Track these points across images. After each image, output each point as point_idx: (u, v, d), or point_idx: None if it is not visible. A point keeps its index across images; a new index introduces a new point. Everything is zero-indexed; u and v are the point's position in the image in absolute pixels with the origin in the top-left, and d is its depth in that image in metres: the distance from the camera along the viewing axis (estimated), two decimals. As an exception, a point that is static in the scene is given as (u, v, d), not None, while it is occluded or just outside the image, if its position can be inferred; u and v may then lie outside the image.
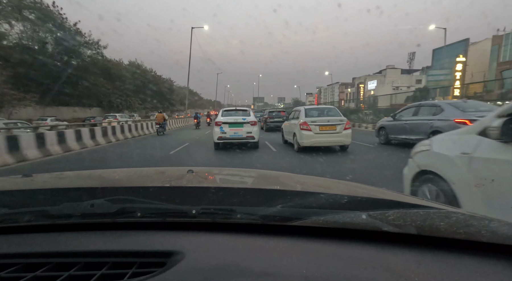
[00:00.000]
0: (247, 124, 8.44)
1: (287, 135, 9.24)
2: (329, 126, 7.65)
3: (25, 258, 0.54)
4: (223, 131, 8.37)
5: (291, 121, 8.92)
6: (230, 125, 8.41)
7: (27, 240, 0.61)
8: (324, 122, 7.68)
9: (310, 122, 7.64)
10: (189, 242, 0.59)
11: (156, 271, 0.49)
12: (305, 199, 0.79)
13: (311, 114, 8.22)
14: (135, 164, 6.75)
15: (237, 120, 8.46)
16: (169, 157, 7.73)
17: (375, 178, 4.64)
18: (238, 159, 7.23)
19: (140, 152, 9.05)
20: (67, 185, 1.02)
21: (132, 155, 8.46)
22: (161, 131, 15.29)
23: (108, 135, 12.13)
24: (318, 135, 7.60)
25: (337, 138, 7.68)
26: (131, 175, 1.28)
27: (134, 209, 0.67)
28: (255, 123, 8.57)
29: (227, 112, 9.14)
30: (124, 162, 7.30)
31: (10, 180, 1.11)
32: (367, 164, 6.41)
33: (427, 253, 0.56)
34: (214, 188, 0.87)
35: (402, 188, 2.38)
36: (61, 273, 0.49)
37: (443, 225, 0.62)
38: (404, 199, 0.87)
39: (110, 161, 7.63)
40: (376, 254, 0.56)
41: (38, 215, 0.66)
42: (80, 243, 0.59)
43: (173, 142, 11.61)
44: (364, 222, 0.63)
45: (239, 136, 8.38)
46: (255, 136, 8.44)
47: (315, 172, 5.37)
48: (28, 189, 0.92)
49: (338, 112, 8.38)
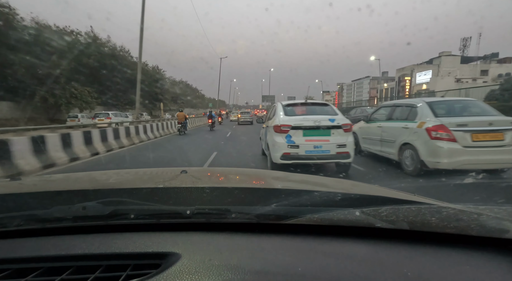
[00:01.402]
0: (337, 130, 4.60)
1: (386, 147, 5.52)
2: (490, 133, 4.06)
3: (16, 263, 0.54)
4: (293, 144, 4.51)
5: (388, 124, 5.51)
6: (306, 132, 4.55)
7: (17, 245, 0.61)
8: (484, 126, 4.12)
9: (454, 126, 4.15)
10: (184, 243, 0.60)
11: (150, 272, 0.49)
12: (300, 198, 0.78)
13: (448, 112, 4.69)
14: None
15: (320, 123, 4.56)
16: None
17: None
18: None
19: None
20: (57, 188, 1.00)
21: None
22: (183, 131, 14.71)
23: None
24: (472, 151, 4.04)
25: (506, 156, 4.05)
26: (124, 177, 1.28)
27: (128, 211, 0.67)
28: (349, 129, 4.72)
29: (293, 108, 5.15)
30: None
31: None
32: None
33: (419, 248, 0.57)
34: (208, 188, 0.87)
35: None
36: (53, 278, 0.50)
37: (434, 220, 0.63)
38: (396, 195, 0.87)
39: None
40: (369, 250, 0.57)
41: (28, 219, 0.66)
42: (72, 247, 0.59)
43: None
44: (358, 219, 0.63)
45: (323, 153, 4.52)
46: (350, 152, 4.60)
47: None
48: (17, 193, 0.90)
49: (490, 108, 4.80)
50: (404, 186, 4.07)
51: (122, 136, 10.04)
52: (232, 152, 8.16)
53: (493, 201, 3.35)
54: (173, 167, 2.11)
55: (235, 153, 8.05)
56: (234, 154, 7.89)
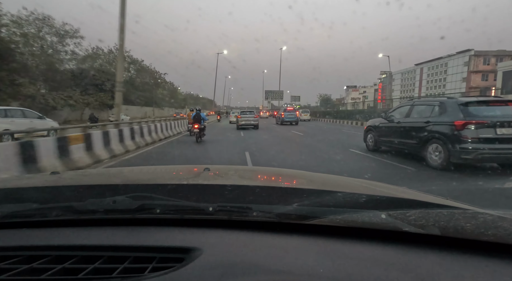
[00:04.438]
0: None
1: None
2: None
3: (54, 250, 0.58)
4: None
5: None
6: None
7: (55, 234, 0.65)
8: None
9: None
10: (206, 239, 0.61)
11: (175, 266, 0.50)
12: (322, 198, 0.77)
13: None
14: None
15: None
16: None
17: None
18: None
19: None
20: (91, 182, 1.05)
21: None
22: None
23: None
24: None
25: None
26: (151, 173, 1.33)
27: (154, 206, 0.69)
28: None
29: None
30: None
31: (40, 177, 1.25)
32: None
33: (449, 255, 0.53)
34: (231, 185, 0.87)
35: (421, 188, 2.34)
36: (87, 265, 0.53)
37: (469, 226, 0.59)
38: (426, 198, 0.82)
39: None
40: (396, 254, 0.55)
41: (65, 210, 0.70)
42: (103, 238, 0.62)
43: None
44: (384, 222, 0.61)
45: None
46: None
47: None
48: (56, 186, 0.94)
49: None
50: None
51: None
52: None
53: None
54: (196, 165, 2.17)
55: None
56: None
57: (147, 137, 9.81)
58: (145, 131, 9.83)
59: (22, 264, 0.53)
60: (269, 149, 8.48)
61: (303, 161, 6.21)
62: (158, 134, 11.22)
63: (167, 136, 12.14)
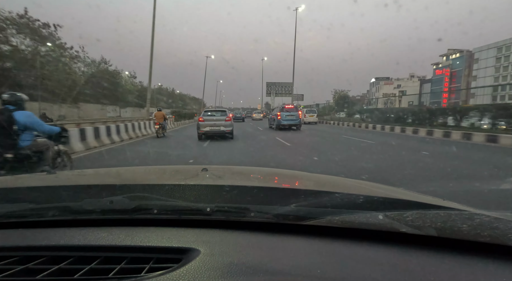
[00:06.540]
0: None
1: None
2: None
3: (50, 251, 0.58)
4: None
5: None
6: None
7: (51, 234, 0.64)
8: None
9: None
10: (204, 240, 0.61)
11: (172, 266, 0.50)
12: (320, 199, 0.77)
13: None
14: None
15: None
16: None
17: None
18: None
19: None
20: (88, 182, 1.04)
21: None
22: (162, 133, 12.44)
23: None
24: None
25: None
26: (148, 173, 1.33)
27: (151, 206, 0.69)
28: None
29: None
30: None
31: (36, 177, 1.23)
32: None
33: (446, 256, 0.54)
34: (228, 186, 0.87)
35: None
36: (83, 266, 0.52)
37: (466, 227, 0.59)
38: (423, 199, 0.83)
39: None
40: (393, 255, 0.55)
41: (61, 211, 0.69)
42: (100, 238, 0.61)
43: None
44: (381, 223, 0.61)
45: None
46: None
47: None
48: (53, 186, 0.93)
49: None
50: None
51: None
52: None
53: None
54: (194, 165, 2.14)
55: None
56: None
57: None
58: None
59: (18, 264, 0.53)
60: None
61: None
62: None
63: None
